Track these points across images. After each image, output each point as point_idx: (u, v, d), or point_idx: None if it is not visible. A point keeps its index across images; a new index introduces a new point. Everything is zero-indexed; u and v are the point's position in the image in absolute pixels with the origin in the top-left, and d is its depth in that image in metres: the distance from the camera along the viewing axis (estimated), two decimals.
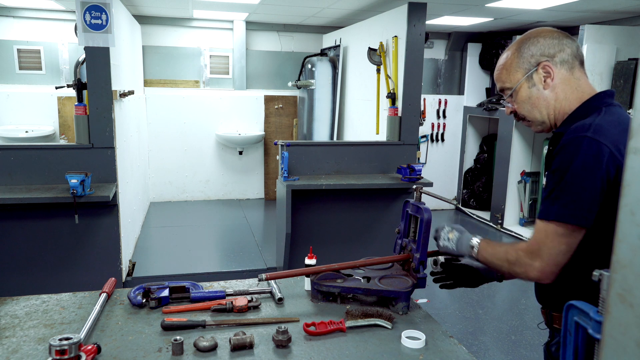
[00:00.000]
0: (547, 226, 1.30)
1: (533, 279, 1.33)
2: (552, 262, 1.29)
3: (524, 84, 1.44)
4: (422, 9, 4.22)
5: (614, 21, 5.56)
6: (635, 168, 0.60)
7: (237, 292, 1.70)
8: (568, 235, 1.27)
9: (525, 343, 3.51)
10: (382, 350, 1.38)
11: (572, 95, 1.42)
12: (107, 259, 3.64)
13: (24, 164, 3.39)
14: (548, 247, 1.29)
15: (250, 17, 6.41)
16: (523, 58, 1.43)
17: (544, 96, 1.43)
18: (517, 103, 1.47)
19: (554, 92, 1.42)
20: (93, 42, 3.39)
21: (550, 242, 1.28)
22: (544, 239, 1.30)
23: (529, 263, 1.32)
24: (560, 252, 1.28)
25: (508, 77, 1.46)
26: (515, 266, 1.36)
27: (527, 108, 1.45)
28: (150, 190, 6.69)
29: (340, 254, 4.12)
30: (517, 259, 1.35)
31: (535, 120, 1.47)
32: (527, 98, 1.44)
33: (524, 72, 1.43)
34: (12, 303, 1.63)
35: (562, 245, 1.27)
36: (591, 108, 1.37)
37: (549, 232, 1.29)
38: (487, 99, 6.65)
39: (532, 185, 6.08)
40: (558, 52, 1.41)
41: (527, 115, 1.47)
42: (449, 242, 1.58)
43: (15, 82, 6.12)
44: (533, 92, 1.43)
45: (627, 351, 0.61)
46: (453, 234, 1.57)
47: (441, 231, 1.62)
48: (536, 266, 1.31)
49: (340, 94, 6.03)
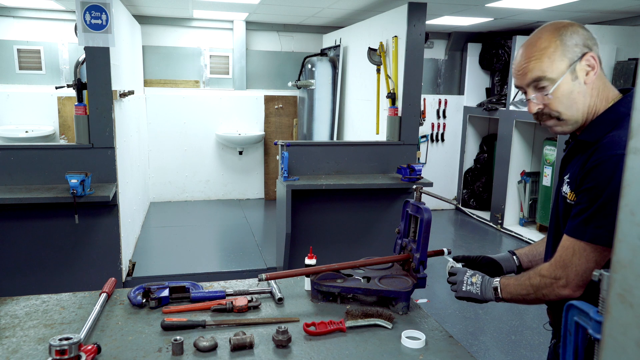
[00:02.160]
0: (576, 244, 1.25)
1: (563, 296, 1.28)
2: (579, 278, 1.26)
3: (568, 76, 1.26)
4: (422, 9, 4.22)
5: (614, 21, 5.56)
6: (635, 168, 0.60)
7: (237, 292, 1.70)
8: (598, 254, 1.23)
9: (525, 343, 3.51)
10: (382, 350, 1.38)
11: (602, 94, 1.30)
12: (107, 259, 3.64)
13: (24, 164, 3.39)
14: (575, 265, 1.25)
15: (250, 17, 6.41)
16: (567, 46, 1.25)
17: (584, 92, 1.28)
18: (555, 98, 1.28)
19: (590, 88, 1.28)
20: (93, 42, 3.39)
21: (578, 260, 1.25)
22: (571, 257, 1.26)
23: (554, 281, 1.29)
24: (588, 269, 1.24)
25: (551, 67, 1.26)
26: (542, 289, 1.32)
27: (566, 104, 1.28)
28: (150, 190, 6.69)
29: (340, 254, 4.12)
30: (542, 280, 1.32)
31: (571, 119, 1.31)
32: (569, 93, 1.27)
33: (568, 63, 1.26)
34: (12, 303, 1.63)
35: (590, 263, 1.24)
36: (620, 115, 1.27)
37: (577, 250, 1.25)
38: (487, 99, 6.65)
39: (532, 185, 6.09)
40: (594, 45, 1.28)
41: (563, 112, 1.29)
42: (473, 286, 1.48)
43: (15, 82, 6.12)
44: (575, 87, 1.27)
45: (627, 351, 0.61)
46: (476, 278, 1.49)
47: (462, 276, 1.51)
48: (562, 283, 1.27)
49: (340, 94, 6.03)
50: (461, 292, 1.51)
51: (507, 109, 6.08)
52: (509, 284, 1.42)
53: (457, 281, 1.53)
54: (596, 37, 1.33)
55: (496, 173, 6.37)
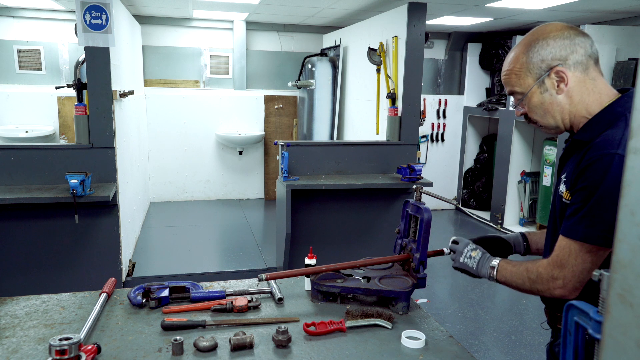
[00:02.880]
0: (571, 243, 1.26)
1: (557, 296, 1.30)
2: (576, 279, 1.26)
3: (536, 90, 1.35)
4: (422, 9, 4.22)
5: (614, 21, 5.56)
6: (635, 168, 0.60)
7: (237, 292, 1.70)
8: (594, 254, 1.23)
9: (525, 343, 3.51)
10: (382, 350, 1.38)
11: (589, 97, 1.33)
12: (107, 259, 3.64)
13: (24, 164, 3.39)
14: (572, 265, 1.26)
15: (250, 17, 6.41)
16: (532, 63, 1.33)
17: (558, 101, 1.34)
18: (529, 108, 1.39)
19: (569, 96, 1.33)
20: (93, 42, 3.39)
21: (574, 260, 1.25)
22: (567, 257, 1.27)
23: (551, 280, 1.29)
24: (584, 269, 1.25)
25: (518, 82, 1.37)
26: (537, 284, 1.33)
27: (539, 113, 1.38)
28: (150, 190, 6.69)
29: (340, 254, 4.12)
30: (538, 276, 1.32)
31: (549, 126, 1.39)
32: (540, 104, 1.36)
33: (534, 78, 1.34)
34: (12, 303, 1.63)
35: (586, 263, 1.24)
36: (616, 115, 1.28)
37: (572, 250, 1.26)
38: (487, 99, 6.65)
39: (532, 185, 6.09)
40: (570, 53, 1.31)
41: (539, 120, 1.39)
42: (470, 260, 1.50)
43: (15, 82, 6.12)
44: (546, 98, 1.35)
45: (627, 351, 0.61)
46: (476, 253, 1.50)
47: (464, 248, 1.53)
48: (559, 284, 1.28)
49: (340, 94, 6.03)
50: (458, 263, 1.54)
51: (507, 109, 6.08)
52: (506, 268, 1.43)
53: (456, 250, 1.55)
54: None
55: (496, 173, 6.37)
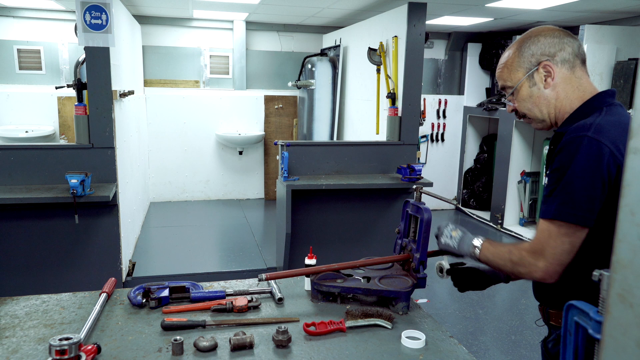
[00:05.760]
0: (549, 225, 1.29)
1: (537, 279, 1.33)
2: (556, 262, 1.28)
3: (525, 83, 1.45)
4: (422, 9, 4.22)
5: (614, 21, 5.56)
6: (635, 168, 0.60)
7: (237, 292, 1.70)
8: (571, 234, 1.27)
9: (525, 343, 3.51)
10: (382, 350, 1.38)
11: (573, 94, 1.42)
12: (107, 259, 3.64)
13: (24, 164, 3.39)
14: (551, 247, 1.28)
15: (250, 17, 6.41)
16: (524, 57, 1.44)
17: (545, 95, 1.44)
18: (518, 101, 1.48)
19: (555, 91, 1.43)
20: (93, 42, 3.39)
21: (554, 242, 1.28)
22: (547, 238, 1.29)
23: (532, 263, 1.31)
24: (564, 251, 1.27)
25: (509, 76, 1.48)
26: (518, 266, 1.35)
27: (527, 106, 1.47)
28: (150, 190, 6.69)
29: (340, 254, 4.12)
30: (521, 259, 1.34)
31: (536, 118, 1.48)
32: (528, 97, 1.46)
33: (524, 72, 1.45)
34: (12, 303, 1.63)
35: (565, 244, 1.27)
36: (592, 108, 1.38)
37: (551, 232, 1.29)
38: (487, 99, 6.65)
39: (532, 185, 6.08)
40: (559, 51, 1.42)
41: (527, 113, 1.48)
42: (451, 239, 1.55)
43: (15, 82, 6.12)
44: (534, 91, 1.44)
45: (627, 351, 0.61)
46: (456, 233, 1.56)
47: (444, 228, 1.60)
48: (540, 266, 1.30)
49: (340, 94, 6.03)
50: (440, 245, 1.61)
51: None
52: (489, 248, 1.46)
53: (440, 234, 1.61)
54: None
55: (496, 173, 6.37)
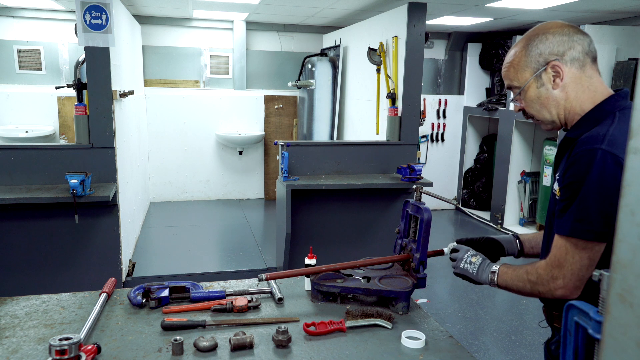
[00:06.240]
0: (565, 242, 1.26)
1: (558, 296, 1.29)
2: (575, 277, 1.26)
3: (533, 84, 1.38)
4: (422, 9, 4.22)
5: (614, 21, 5.56)
6: (635, 168, 0.60)
7: (237, 292, 1.70)
8: (589, 249, 1.23)
9: (525, 343, 3.51)
10: (382, 350, 1.38)
11: (583, 95, 1.36)
12: (107, 259, 3.64)
13: (24, 164, 3.39)
14: (570, 263, 1.26)
15: (250, 17, 6.41)
16: (531, 57, 1.37)
17: (554, 96, 1.37)
18: (526, 102, 1.42)
19: (564, 91, 1.36)
20: (93, 42, 3.39)
21: (572, 258, 1.25)
22: (564, 255, 1.26)
23: (551, 281, 1.29)
24: (582, 266, 1.24)
25: (516, 76, 1.41)
26: (538, 286, 1.33)
27: (535, 108, 1.41)
28: (150, 190, 6.69)
29: (340, 254, 4.12)
30: (538, 277, 1.32)
31: (545, 120, 1.42)
32: (536, 98, 1.39)
33: (532, 72, 1.38)
34: (12, 303, 1.63)
35: (583, 260, 1.24)
36: (604, 112, 1.32)
37: (568, 248, 1.26)
38: (487, 99, 6.65)
39: (532, 185, 6.09)
40: (568, 49, 1.34)
41: (535, 114, 1.42)
42: (470, 265, 1.52)
43: (15, 82, 6.12)
44: (542, 92, 1.38)
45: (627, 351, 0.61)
46: (476, 259, 1.52)
47: (463, 254, 1.56)
48: (559, 283, 1.28)
49: (340, 94, 6.03)
50: (458, 269, 1.56)
51: (507, 109, 6.08)
52: (507, 272, 1.44)
53: (457, 258, 1.57)
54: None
55: (496, 173, 6.37)
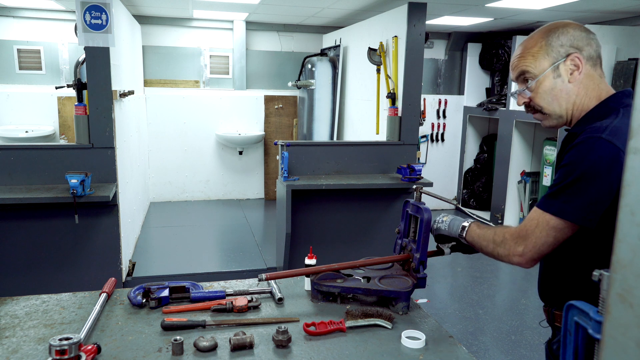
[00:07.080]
0: (541, 216, 1.30)
1: (514, 263, 1.36)
2: (536, 251, 1.31)
3: (550, 74, 1.36)
4: (422, 9, 4.22)
5: (614, 21, 5.56)
6: (635, 168, 0.60)
7: (237, 292, 1.70)
8: (560, 230, 1.28)
9: (525, 343, 3.51)
10: (382, 350, 1.38)
11: (592, 92, 1.37)
12: (107, 259, 3.64)
13: (24, 164, 3.39)
14: (535, 236, 1.30)
15: (250, 17, 6.41)
16: (552, 46, 1.35)
17: (567, 89, 1.36)
18: (538, 93, 1.39)
19: (577, 87, 1.36)
20: (93, 42, 3.39)
21: (539, 232, 1.30)
22: (534, 228, 1.31)
23: (513, 247, 1.35)
24: (546, 243, 1.30)
25: (534, 63, 1.38)
26: (499, 247, 1.39)
27: (547, 99, 1.38)
28: (150, 190, 6.69)
29: (340, 254, 4.12)
30: (503, 241, 1.38)
31: (553, 114, 1.40)
32: (550, 89, 1.37)
33: (551, 61, 1.36)
34: (12, 303, 1.63)
35: (549, 237, 1.29)
36: (609, 109, 1.33)
37: (540, 222, 1.30)
38: (487, 99, 6.65)
39: (532, 185, 6.08)
40: (586, 45, 1.35)
41: (545, 106, 1.40)
42: (442, 223, 1.61)
43: (15, 82, 6.12)
44: (557, 84, 1.36)
45: (627, 351, 0.61)
46: (447, 217, 1.62)
47: (437, 216, 1.65)
48: (519, 251, 1.33)
49: (340, 94, 6.03)
50: (433, 230, 1.65)
51: (507, 109, 6.08)
52: (475, 230, 1.50)
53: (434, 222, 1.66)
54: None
55: (496, 173, 6.37)
